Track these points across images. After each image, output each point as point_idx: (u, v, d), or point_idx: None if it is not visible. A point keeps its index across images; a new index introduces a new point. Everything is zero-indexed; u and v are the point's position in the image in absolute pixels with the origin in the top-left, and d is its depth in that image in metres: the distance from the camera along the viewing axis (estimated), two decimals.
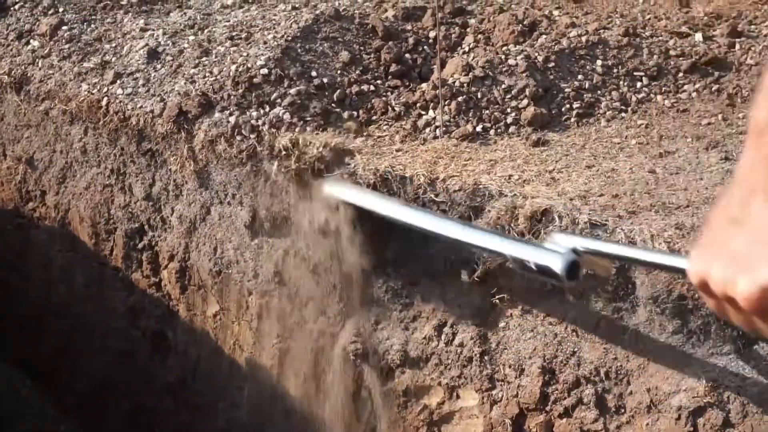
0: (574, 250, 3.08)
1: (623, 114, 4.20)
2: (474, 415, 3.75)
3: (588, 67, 4.37)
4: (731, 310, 1.29)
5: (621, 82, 4.34)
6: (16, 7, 5.62)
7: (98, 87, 4.78)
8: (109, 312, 5.17)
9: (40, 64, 5.19)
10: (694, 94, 4.28)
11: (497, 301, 3.54)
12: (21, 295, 5.72)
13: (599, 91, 4.28)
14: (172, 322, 4.90)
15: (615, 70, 4.39)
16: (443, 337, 3.79)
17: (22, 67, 5.24)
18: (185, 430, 4.94)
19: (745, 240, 1.23)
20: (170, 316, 4.88)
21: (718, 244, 1.28)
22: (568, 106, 4.19)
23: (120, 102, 4.63)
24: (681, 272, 2.84)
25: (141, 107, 4.52)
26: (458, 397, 3.80)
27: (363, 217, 3.76)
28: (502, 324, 3.64)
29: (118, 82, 4.73)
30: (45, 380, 5.61)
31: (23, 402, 5.54)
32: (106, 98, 4.69)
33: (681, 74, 4.39)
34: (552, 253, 3.11)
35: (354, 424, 4.25)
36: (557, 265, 3.06)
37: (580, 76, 4.32)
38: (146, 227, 4.77)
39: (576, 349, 3.41)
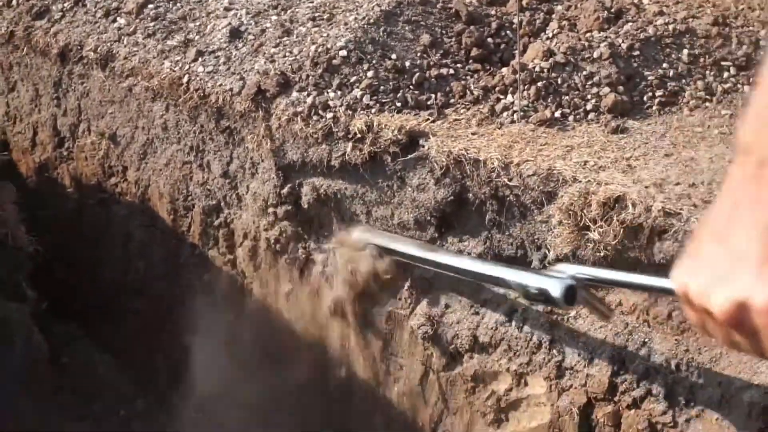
0: (574, 277, 3.22)
1: (707, 104, 4.12)
2: (541, 402, 3.70)
3: (674, 55, 4.29)
4: (710, 323, 1.33)
5: (707, 72, 4.26)
6: None
7: (180, 64, 4.81)
8: (185, 289, 5.20)
9: (125, 42, 5.24)
10: None
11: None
12: (101, 270, 5.78)
13: (684, 80, 4.21)
14: (246, 300, 4.91)
15: (701, 60, 4.31)
16: (513, 323, 3.75)
17: (108, 44, 5.30)
18: (257, 407, 4.95)
19: (725, 255, 1.26)
20: (244, 293, 4.89)
21: (701, 258, 1.31)
22: (650, 94, 4.12)
23: (200, 79, 4.65)
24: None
25: (221, 85, 4.54)
26: (526, 384, 3.76)
27: None
28: (572, 312, 3.60)
29: (200, 60, 4.75)
30: (123, 357, 5.67)
31: (101, 379, 5.60)
32: (187, 76, 4.72)
33: None
34: (551, 278, 3.27)
35: (421, 408, 4.23)
36: (555, 290, 3.23)
37: (664, 65, 4.24)
38: (222, 204, 4.78)
39: (647, 340, 3.36)
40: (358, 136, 4.01)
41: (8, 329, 4.44)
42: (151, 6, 5.34)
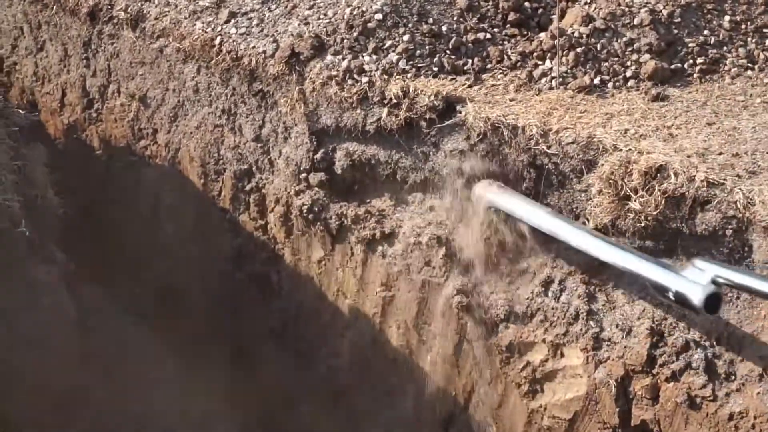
0: (714, 281, 3.02)
1: (749, 72, 4.05)
2: (578, 374, 3.66)
3: (715, 22, 4.22)
4: None
5: (749, 39, 4.19)
6: None
7: (212, 26, 4.75)
8: (215, 254, 5.17)
9: (156, 2, 5.19)
10: None
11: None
12: (131, 233, 5.75)
13: (725, 48, 4.14)
14: (277, 266, 4.88)
15: (743, 26, 4.24)
16: (550, 293, 3.71)
17: (139, 4, 5.24)
18: (287, 374, 4.94)
19: None
20: (275, 260, 4.86)
21: None
22: (691, 61, 4.06)
23: (233, 41, 4.60)
24: None
25: (254, 47, 4.49)
26: (562, 355, 3.72)
27: None
28: (611, 283, 3.55)
29: (232, 21, 4.70)
30: (150, 320, 5.65)
31: (129, 340, 5.58)
32: (219, 37, 4.67)
33: None
34: (692, 283, 3.05)
35: (455, 377, 4.20)
36: (697, 297, 3.02)
37: (705, 31, 4.17)
38: (254, 169, 4.74)
39: (687, 312, 3.30)
40: (394, 101, 3.96)
41: (37, 291, 4.42)
42: None
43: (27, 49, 6.33)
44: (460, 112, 3.81)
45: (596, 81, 3.95)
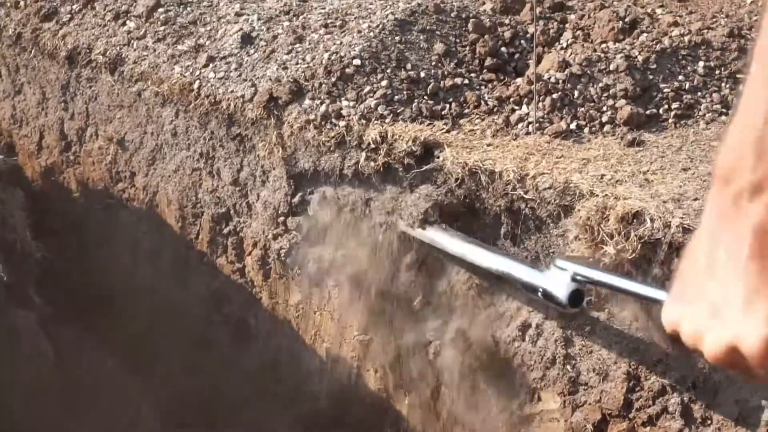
0: (573, 278, 3.22)
1: (723, 117, 4.08)
2: (555, 418, 3.67)
3: (689, 67, 4.26)
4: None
5: (723, 84, 4.23)
6: None
7: (191, 70, 4.77)
8: (193, 296, 5.17)
9: (134, 46, 5.20)
10: None
11: (584, 303, 3.45)
12: (108, 275, 5.74)
13: (699, 93, 4.17)
14: (255, 310, 4.88)
15: (717, 72, 4.27)
16: (527, 338, 3.72)
17: (117, 48, 5.26)
18: (264, 418, 4.92)
19: (711, 295, 1.21)
20: (253, 303, 4.86)
21: (689, 295, 1.25)
22: (666, 106, 4.09)
23: (211, 85, 4.62)
24: None
25: (232, 91, 4.51)
26: (540, 399, 3.72)
27: None
28: (587, 327, 3.56)
29: (211, 65, 4.72)
30: (129, 360, 5.63)
31: (106, 383, 5.56)
32: (198, 81, 4.69)
33: None
34: (556, 281, 3.27)
35: (433, 421, 4.20)
36: (562, 294, 3.25)
37: (680, 77, 4.21)
38: (232, 212, 4.75)
39: (663, 356, 3.32)
40: (372, 146, 3.98)
41: (16, 337, 4.42)
42: (161, 10, 5.30)
43: (5, 92, 6.32)
44: (438, 157, 3.83)
45: (573, 126, 3.98)
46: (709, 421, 3.22)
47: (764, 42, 1.15)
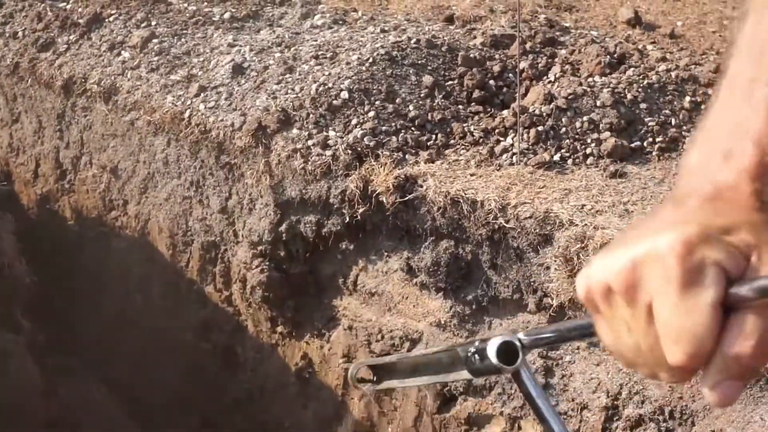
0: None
1: None
2: None
3: (676, 102, 4.29)
4: (611, 317, 1.12)
5: None
6: (111, 18, 5.69)
7: (182, 99, 4.81)
8: (183, 325, 5.19)
9: (128, 75, 5.25)
10: None
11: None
12: (100, 302, 5.76)
13: (684, 127, 4.20)
14: (242, 338, 4.90)
15: (704, 107, 4.30)
16: None
17: (112, 78, 5.30)
18: None
19: (627, 238, 1.08)
20: (240, 331, 4.88)
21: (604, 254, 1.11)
22: (650, 139, 4.11)
23: (202, 115, 4.66)
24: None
25: (222, 120, 4.54)
26: (519, 428, 3.73)
27: None
28: (567, 357, 3.58)
29: (202, 95, 4.75)
30: (119, 389, 5.64)
31: (95, 410, 5.56)
32: (189, 110, 4.72)
33: None
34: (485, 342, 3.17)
35: None
36: (490, 350, 3.09)
37: (666, 111, 4.24)
38: (219, 240, 4.78)
39: (641, 387, 3.33)
40: (357, 176, 4.01)
41: (2, 360, 4.43)
42: (155, 41, 5.35)
43: (2, 121, 6.37)
44: (421, 186, 3.86)
45: (556, 157, 4.00)
46: None
47: (738, 69, 1.13)
